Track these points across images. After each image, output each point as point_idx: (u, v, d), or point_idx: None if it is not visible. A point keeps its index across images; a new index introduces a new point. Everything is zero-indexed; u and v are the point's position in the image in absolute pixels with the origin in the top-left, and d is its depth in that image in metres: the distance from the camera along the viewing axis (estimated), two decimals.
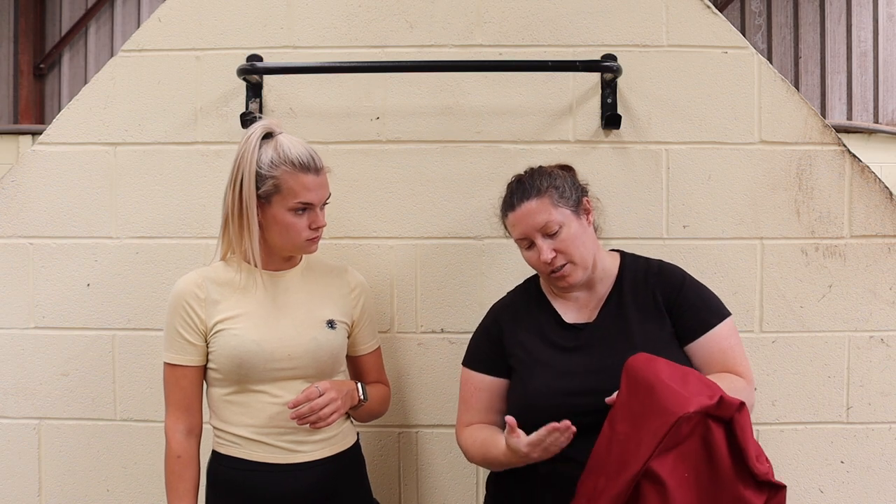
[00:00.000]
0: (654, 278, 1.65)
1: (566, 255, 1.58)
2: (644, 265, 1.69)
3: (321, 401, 1.57)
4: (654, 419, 1.34)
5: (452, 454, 2.02)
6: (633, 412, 1.39)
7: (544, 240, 1.58)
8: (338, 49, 2.02)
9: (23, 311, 2.05)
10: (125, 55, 2.04)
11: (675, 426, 1.32)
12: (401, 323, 2.03)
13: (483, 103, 2.01)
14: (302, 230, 1.62)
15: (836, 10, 8.09)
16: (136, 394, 2.04)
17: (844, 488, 1.99)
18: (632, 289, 1.64)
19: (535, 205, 1.59)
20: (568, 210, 1.60)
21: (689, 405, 1.32)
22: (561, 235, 1.58)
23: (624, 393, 1.43)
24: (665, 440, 1.32)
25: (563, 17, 2.00)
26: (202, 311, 1.63)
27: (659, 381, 1.38)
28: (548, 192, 1.60)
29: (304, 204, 1.60)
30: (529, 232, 1.59)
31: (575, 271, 1.60)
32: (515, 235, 1.64)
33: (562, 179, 1.63)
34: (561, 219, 1.58)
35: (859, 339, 1.99)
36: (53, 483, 2.06)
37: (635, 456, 1.34)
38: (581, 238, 1.60)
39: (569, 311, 1.66)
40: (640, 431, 1.36)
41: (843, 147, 1.99)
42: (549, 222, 1.58)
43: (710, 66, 1.99)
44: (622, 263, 1.69)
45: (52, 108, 8.34)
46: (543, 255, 1.58)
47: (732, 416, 1.36)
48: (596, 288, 1.66)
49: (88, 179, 2.04)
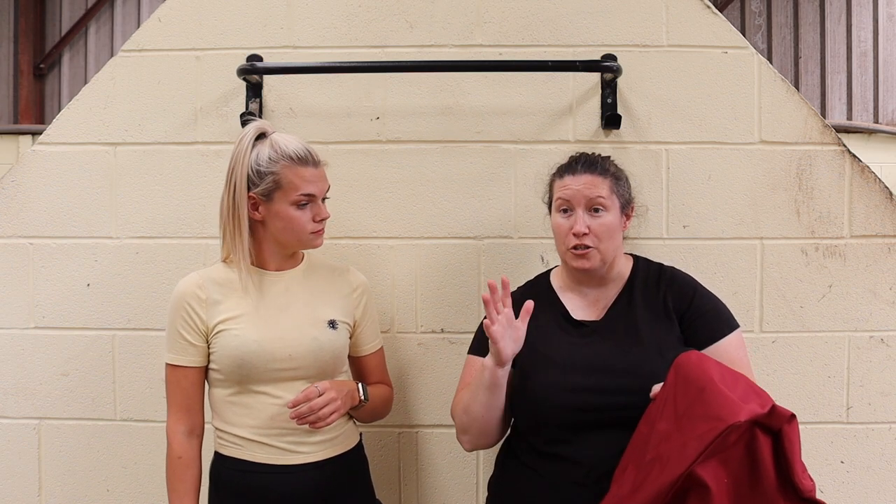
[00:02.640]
0: (665, 284, 1.66)
1: (596, 239, 1.60)
2: (657, 270, 1.70)
3: (320, 401, 1.57)
4: (702, 423, 1.30)
5: (453, 454, 2.02)
6: (678, 412, 1.35)
7: (585, 213, 1.60)
8: (338, 49, 2.02)
9: (23, 311, 2.05)
10: (125, 55, 2.04)
11: (724, 434, 1.28)
12: (401, 323, 2.03)
13: (483, 103, 2.01)
14: (306, 223, 1.63)
15: (836, 10, 8.09)
16: (136, 394, 2.04)
17: (844, 488, 1.99)
18: (642, 291, 1.65)
19: (598, 180, 1.62)
20: (617, 202, 1.63)
21: (740, 413, 1.28)
22: (601, 219, 1.60)
23: (670, 389, 1.38)
24: (711, 447, 1.28)
25: (563, 17, 2.00)
26: (203, 312, 1.63)
27: (711, 383, 1.33)
28: (611, 177, 1.64)
29: (306, 196, 1.61)
30: (577, 198, 1.61)
31: (595, 256, 1.61)
32: (560, 195, 1.64)
33: (624, 176, 1.68)
34: (609, 204, 1.61)
35: (859, 339, 1.99)
36: (53, 483, 2.06)
37: (678, 458, 1.30)
38: (614, 233, 1.62)
39: (577, 308, 1.66)
40: (685, 433, 1.31)
41: (843, 147, 1.99)
42: (600, 199, 1.60)
43: (710, 66, 1.99)
44: (635, 266, 1.70)
45: (52, 108, 8.35)
46: (579, 225, 1.59)
47: (782, 427, 1.31)
48: (607, 287, 1.67)
49: (88, 179, 2.04)
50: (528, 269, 1.95)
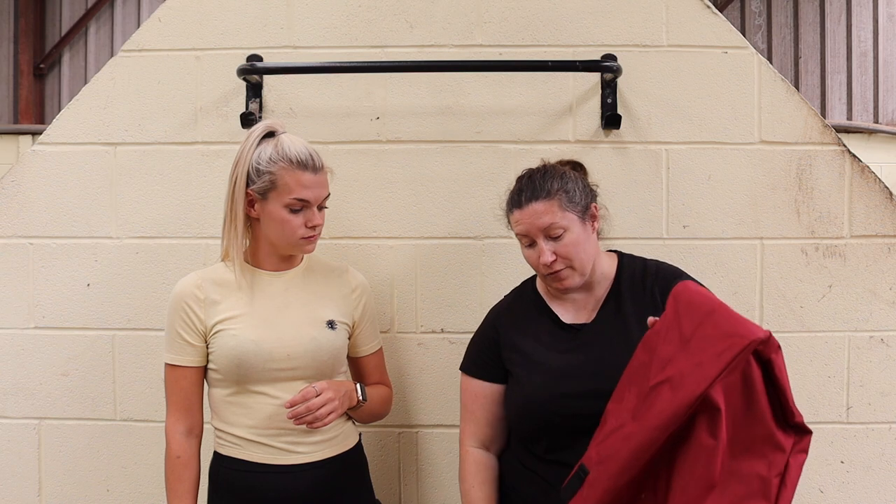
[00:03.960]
0: (651, 278, 1.64)
1: (566, 260, 1.57)
2: (641, 265, 1.68)
3: (318, 401, 1.56)
4: (720, 342, 1.27)
5: (452, 454, 2.02)
6: (684, 335, 1.32)
7: (546, 241, 1.57)
8: (338, 49, 2.02)
9: (23, 311, 2.05)
10: (125, 55, 2.04)
11: (746, 350, 1.25)
12: (401, 323, 2.03)
13: (483, 103, 2.01)
14: (297, 228, 1.62)
15: (836, 10, 8.09)
16: (136, 394, 2.04)
17: (844, 488, 1.99)
18: (630, 289, 1.64)
19: (543, 206, 1.56)
20: (574, 215, 1.58)
21: (757, 330, 1.26)
22: (564, 240, 1.56)
23: (671, 316, 1.36)
24: (733, 363, 1.25)
25: (563, 17, 2.00)
26: (202, 312, 1.63)
27: (720, 305, 1.31)
28: (557, 195, 1.57)
29: (299, 201, 1.60)
30: (532, 232, 1.58)
31: (572, 276, 1.59)
32: (517, 232, 1.62)
33: (573, 182, 1.60)
34: (566, 223, 1.56)
35: (859, 339, 1.99)
36: (53, 483, 2.06)
37: (695, 378, 1.26)
38: (583, 244, 1.58)
39: (567, 313, 1.66)
40: (698, 354, 1.28)
41: (843, 147, 1.99)
42: (554, 226, 1.56)
43: (710, 66, 1.99)
44: (620, 264, 1.68)
45: (52, 108, 8.34)
46: (544, 257, 1.56)
47: (771, 356, 1.30)
48: (594, 290, 1.65)
49: (88, 179, 2.04)
50: (528, 270, 1.95)
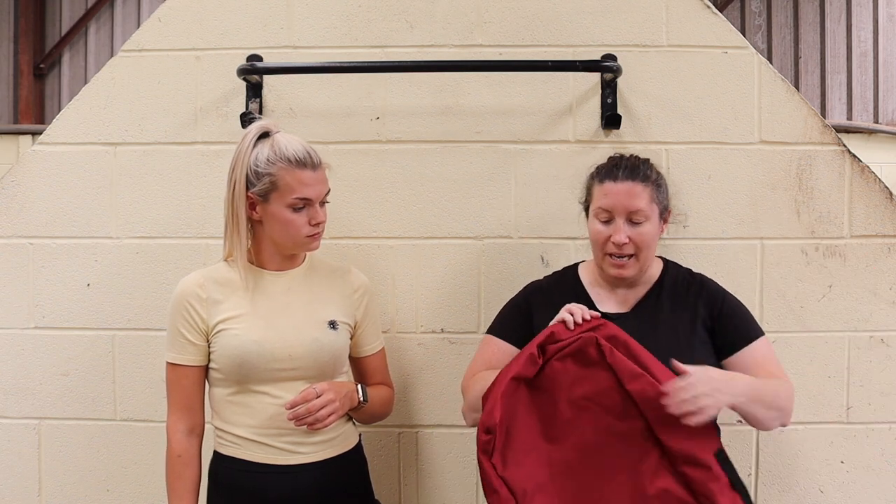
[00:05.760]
0: (696, 289, 1.67)
1: (636, 248, 1.59)
2: (686, 275, 1.71)
3: (318, 402, 1.56)
4: None
5: (453, 454, 2.02)
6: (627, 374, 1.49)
7: (625, 223, 1.59)
8: (338, 49, 2.02)
9: (23, 311, 2.05)
10: (125, 55, 2.04)
11: None
12: (401, 323, 2.02)
13: (483, 103, 2.01)
14: (301, 227, 1.62)
15: (836, 10, 8.09)
16: (136, 394, 2.04)
17: (844, 488, 1.99)
18: (671, 293, 1.66)
19: (639, 188, 1.59)
20: (657, 210, 1.62)
21: None
22: (641, 228, 1.59)
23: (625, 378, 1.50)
24: None
25: (563, 17, 2.00)
26: (204, 311, 1.63)
27: None
28: (652, 185, 1.61)
29: (301, 200, 1.60)
30: (618, 209, 1.59)
31: (633, 265, 1.61)
32: (600, 204, 1.62)
33: (664, 181, 1.66)
34: (649, 214, 1.60)
35: (859, 339, 1.99)
36: (53, 483, 2.06)
37: None
38: (654, 240, 1.62)
39: (604, 303, 1.67)
40: None
41: (843, 147, 1.99)
42: (641, 212, 1.58)
43: (710, 66, 1.99)
44: (664, 268, 1.71)
45: (52, 108, 8.34)
46: (619, 236, 1.58)
47: None
48: (637, 287, 1.68)
49: (88, 179, 2.04)
50: (528, 269, 1.95)
